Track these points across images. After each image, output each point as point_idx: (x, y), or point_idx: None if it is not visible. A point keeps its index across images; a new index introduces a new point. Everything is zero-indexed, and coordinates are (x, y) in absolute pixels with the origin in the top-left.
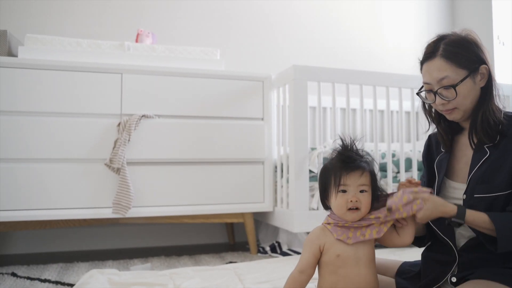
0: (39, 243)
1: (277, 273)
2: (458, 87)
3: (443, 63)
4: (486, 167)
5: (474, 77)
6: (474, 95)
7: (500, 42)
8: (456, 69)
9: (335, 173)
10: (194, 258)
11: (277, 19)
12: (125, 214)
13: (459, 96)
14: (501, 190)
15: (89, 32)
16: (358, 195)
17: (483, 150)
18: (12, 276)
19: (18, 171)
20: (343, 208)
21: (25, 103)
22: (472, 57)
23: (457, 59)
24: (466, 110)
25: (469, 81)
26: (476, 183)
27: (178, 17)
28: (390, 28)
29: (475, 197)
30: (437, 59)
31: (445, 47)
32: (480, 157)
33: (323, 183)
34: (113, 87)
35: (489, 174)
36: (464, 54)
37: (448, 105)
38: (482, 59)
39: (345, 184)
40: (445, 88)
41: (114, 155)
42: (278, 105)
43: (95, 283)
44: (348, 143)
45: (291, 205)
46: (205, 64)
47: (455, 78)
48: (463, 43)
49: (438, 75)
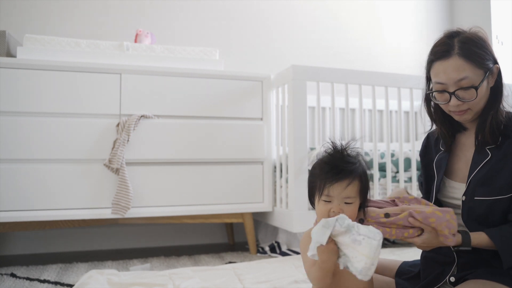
0: (39, 244)
1: (277, 273)
2: (479, 89)
3: (462, 63)
4: (487, 169)
5: (489, 78)
6: (487, 95)
7: (499, 42)
8: (475, 69)
9: (320, 180)
10: (194, 258)
11: (276, 19)
12: (124, 214)
13: (478, 96)
14: (502, 194)
15: (88, 32)
16: (342, 205)
17: (485, 152)
18: (11, 276)
19: (17, 172)
20: (324, 216)
21: (24, 104)
22: (487, 56)
23: (476, 58)
24: (478, 111)
25: (485, 81)
26: (476, 185)
27: (177, 17)
28: (389, 28)
29: (475, 200)
30: (455, 58)
31: (461, 45)
32: (481, 159)
33: (310, 183)
34: (112, 87)
35: (490, 177)
36: (481, 53)
37: (463, 106)
38: (495, 58)
39: (328, 195)
40: (464, 89)
41: (113, 156)
42: (277, 105)
43: (95, 283)
44: (338, 148)
45: (291, 205)
46: (204, 64)
47: (475, 79)
48: (479, 41)
49: (456, 75)
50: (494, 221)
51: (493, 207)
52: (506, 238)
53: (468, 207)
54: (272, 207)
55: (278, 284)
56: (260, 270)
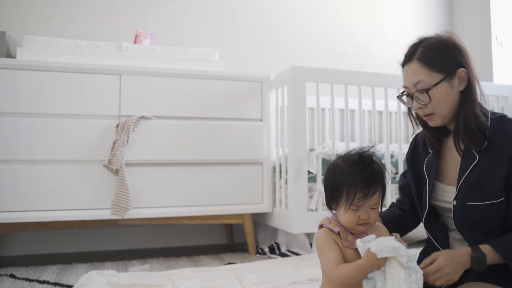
0: (38, 245)
1: (276, 274)
2: (431, 91)
3: (418, 67)
4: (477, 174)
5: (451, 81)
6: (452, 99)
7: (498, 43)
8: (430, 73)
9: (348, 189)
10: (193, 259)
11: (276, 20)
12: (124, 215)
13: (433, 100)
14: (494, 198)
15: (88, 33)
16: (369, 211)
17: (472, 155)
18: (10, 277)
19: (16, 172)
20: (353, 223)
21: (24, 105)
22: (448, 61)
23: (432, 62)
24: (445, 115)
25: (444, 85)
26: (468, 190)
27: (176, 18)
28: (389, 29)
29: (468, 205)
30: (414, 62)
31: (422, 50)
32: (469, 162)
33: (333, 189)
34: (111, 88)
35: (481, 181)
36: (439, 57)
37: (425, 110)
38: (460, 62)
39: (358, 205)
40: (420, 92)
41: (113, 156)
42: (276, 106)
43: (94, 284)
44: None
45: (290, 206)
46: (203, 65)
47: (429, 82)
48: (441, 46)
49: (413, 78)
50: (489, 226)
51: (487, 212)
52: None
53: (461, 212)
54: (272, 208)
55: (277, 285)
56: (259, 271)
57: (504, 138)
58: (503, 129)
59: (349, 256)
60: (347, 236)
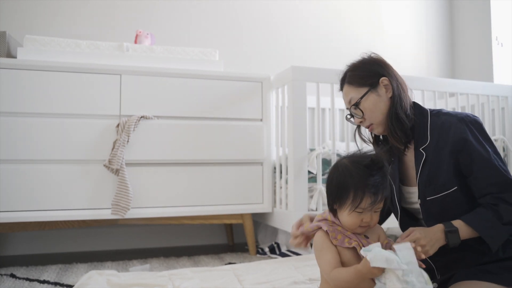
0: (38, 244)
1: (276, 274)
2: (361, 104)
3: (347, 88)
4: (427, 169)
5: (377, 90)
6: (383, 106)
7: (498, 43)
8: (357, 89)
9: (355, 192)
10: (193, 259)
11: (276, 20)
12: (124, 215)
13: (365, 111)
14: (447, 189)
15: (88, 33)
16: (373, 214)
17: (420, 154)
18: (11, 277)
19: (17, 172)
20: (355, 225)
21: (24, 104)
22: (369, 74)
23: (356, 80)
24: (382, 122)
25: (371, 95)
26: (424, 186)
27: (176, 18)
28: (389, 29)
29: (427, 200)
30: (345, 86)
31: (348, 73)
32: (419, 160)
33: (339, 190)
34: (112, 88)
35: (432, 176)
36: (361, 74)
37: (365, 123)
38: (379, 73)
39: (363, 208)
40: (354, 108)
41: (113, 156)
42: (277, 106)
43: (94, 284)
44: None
45: (290, 206)
46: (204, 65)
47: (357, 97)
48: (359, 65)
49: (346, 98)
50: (450, 215)
51: (445, 203)
52: (487, 223)
53: (425, 208)
54: (272, 208)
55: (277, 285)
56: (259, 271)
57: (441, 131)
58: (440, 124)
59: (346, 256)
60: (336, 235)
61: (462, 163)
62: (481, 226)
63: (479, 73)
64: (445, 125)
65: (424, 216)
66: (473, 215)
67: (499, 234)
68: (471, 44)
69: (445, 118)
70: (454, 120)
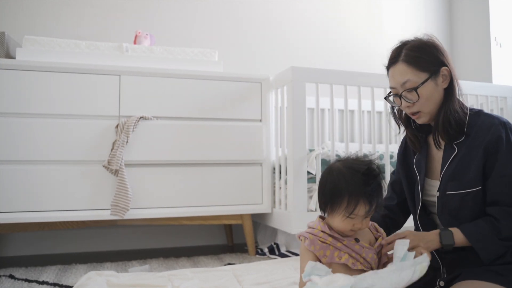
0: (37, 245)
1: (276, 275)
2: (419, 89)
3: (404, 67)
4: (455, 164)
5: (436, 79)
6: (437, 96)
7: (497, 44)
8: (417, 72)
9: (350, 199)
10: (193, 260)
11: (275, 21)
12: (123, 215)
13: (421, 98)
14: (471, 187)
15: (87, 33)
16: (364, 220)
17: (451, 148)
18: (10, 278)
19: (16, 173)
20: (346, 230)
21: (23, 105)
22: (432, 60)
23: (418, 62)
24: (431, 113)
25: (430, 83)
26: (448, 180)
27: (176, 19)
28: (388, 29)
29: (447, 194)
30: (399, 63)
31: (406, 52)
32: (449, 155)
33: (333, 195)
34: (111, 89)
35: (459, 172)
36: (424, 57)
37: (413, 108)
38: (442, 61)
39: (356, 214)
40: (408, 91)
41: (112, 157)
42: (276, 107)
43: (93, 285)
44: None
45: (290, 207)
46: (203, 65)
47: (416, 81)
48: (423, 47)
49: (400, 79)
50: (465, 214)
51: (464, 201)
52: (481, 235)
53: (442, 202)
54: (271, 208)
55: (277, 285)
56: (259, 271)
57: (479, 130)
58: (479, 122)
59: (338, 271)
60: (325, 252)
61: (487, 163)
62: (473, 236)
63: (478, 74)
64: (485, 125)
65: (439, 209)
66: (470, 225)
67: (492, 247)
68: (470, 45)
69: (486, 118)
70: (496, 121)
